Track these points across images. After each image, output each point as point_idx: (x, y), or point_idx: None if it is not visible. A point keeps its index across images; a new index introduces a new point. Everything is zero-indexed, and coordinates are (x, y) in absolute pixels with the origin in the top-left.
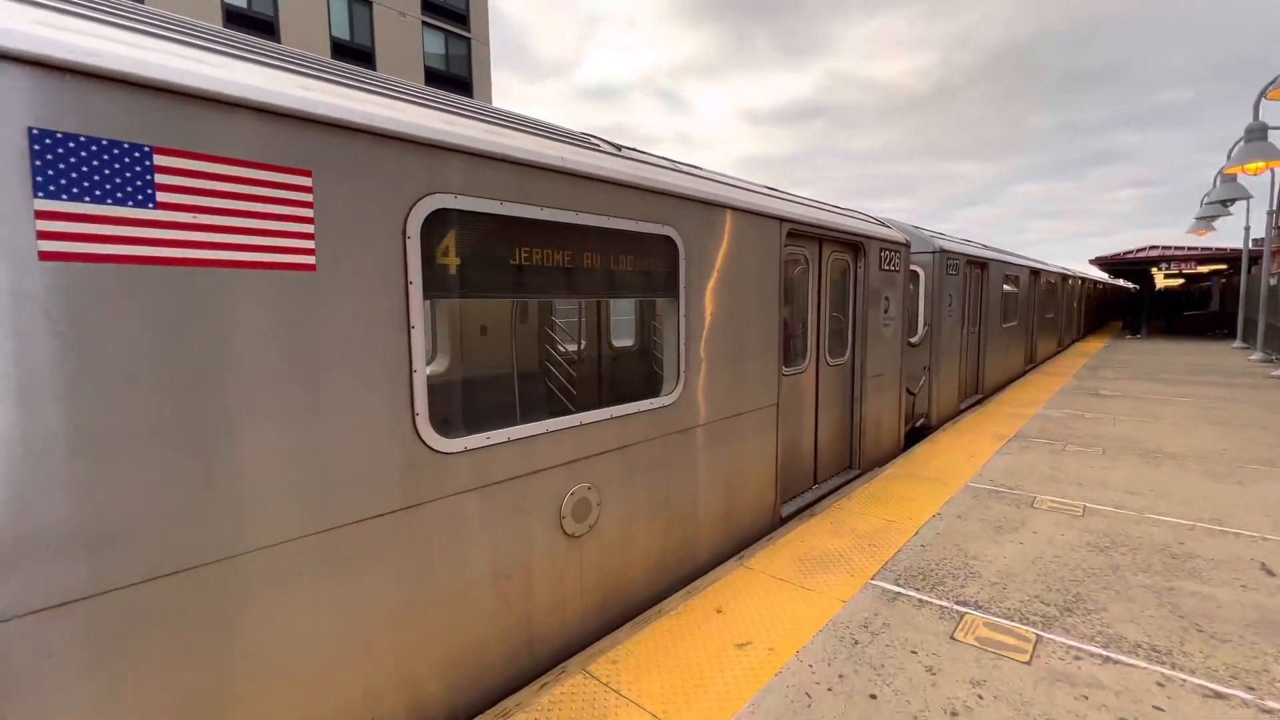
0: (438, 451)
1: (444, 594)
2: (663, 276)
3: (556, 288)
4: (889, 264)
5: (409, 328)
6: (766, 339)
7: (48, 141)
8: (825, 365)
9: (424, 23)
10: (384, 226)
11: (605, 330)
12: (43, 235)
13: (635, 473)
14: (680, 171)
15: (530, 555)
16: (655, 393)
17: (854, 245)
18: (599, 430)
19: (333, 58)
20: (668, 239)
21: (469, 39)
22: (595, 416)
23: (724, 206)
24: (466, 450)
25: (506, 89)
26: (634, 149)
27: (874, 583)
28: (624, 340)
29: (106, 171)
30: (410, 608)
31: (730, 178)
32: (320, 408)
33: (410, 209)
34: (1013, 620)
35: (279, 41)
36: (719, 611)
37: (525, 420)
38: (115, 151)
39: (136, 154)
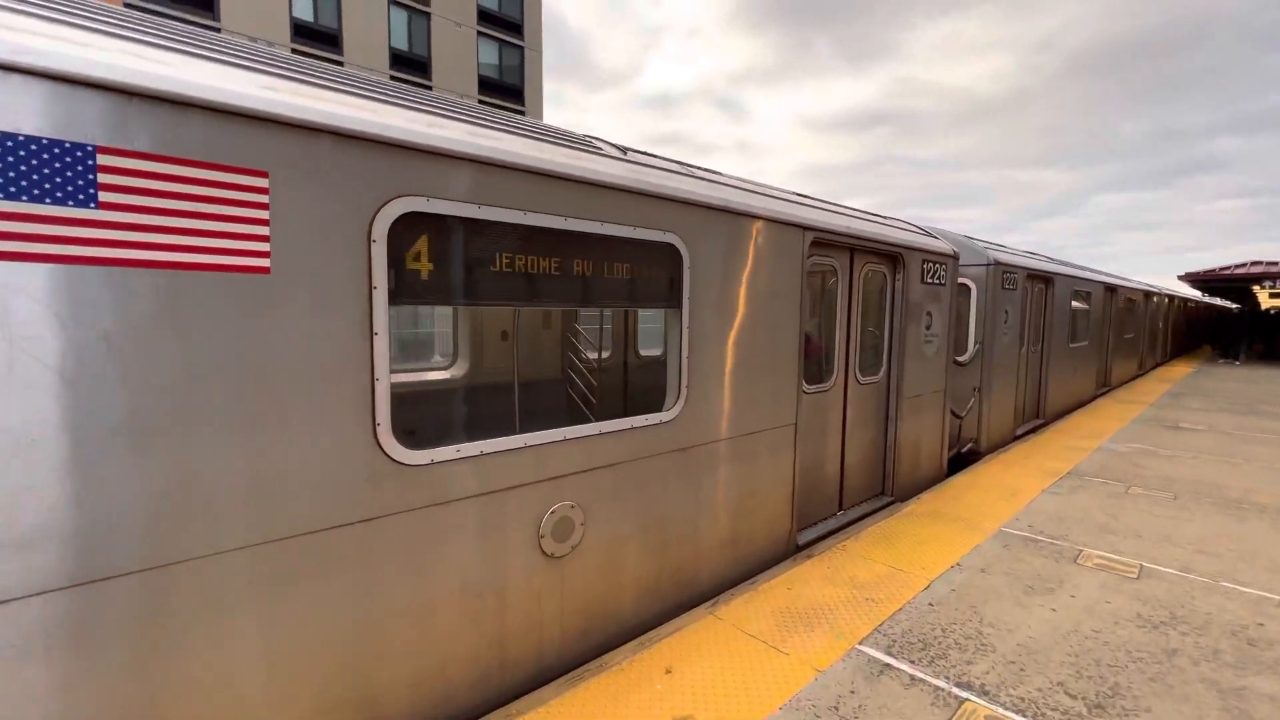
0: (400, 463)
1: (406, 611)
2: (664, 285)
3: (543, 296)
4: (933, 276)
5: (371, 334)
6: (784, 354)
7: None
8: (855, 383)
9: (479, 32)
10: (347, 230)
11: (632, 339)
12: None
13: (627, 492)
14: (687, 175)
15: (504, 575)
16: (663, 408)
17: (891, 256)
18: (585, 446)
19: (391, 69)
20: (669, 246)
21: (522, 48)
22: (581, 431)
23: (736, 213)
24: (433, 463)
25: (567, 99)
26: (644, 152)
27: (861, 648)
28: (653, 349)
29: (45, 171)
30: (368, 624)
31: (750, 183)
32: (272, 414)
33: (376, 212)
34: (1024, 716)
35: (341, 52)
36: (668, 672)
37: (528, 429)
38: (55, 151)
39: (79, 154)
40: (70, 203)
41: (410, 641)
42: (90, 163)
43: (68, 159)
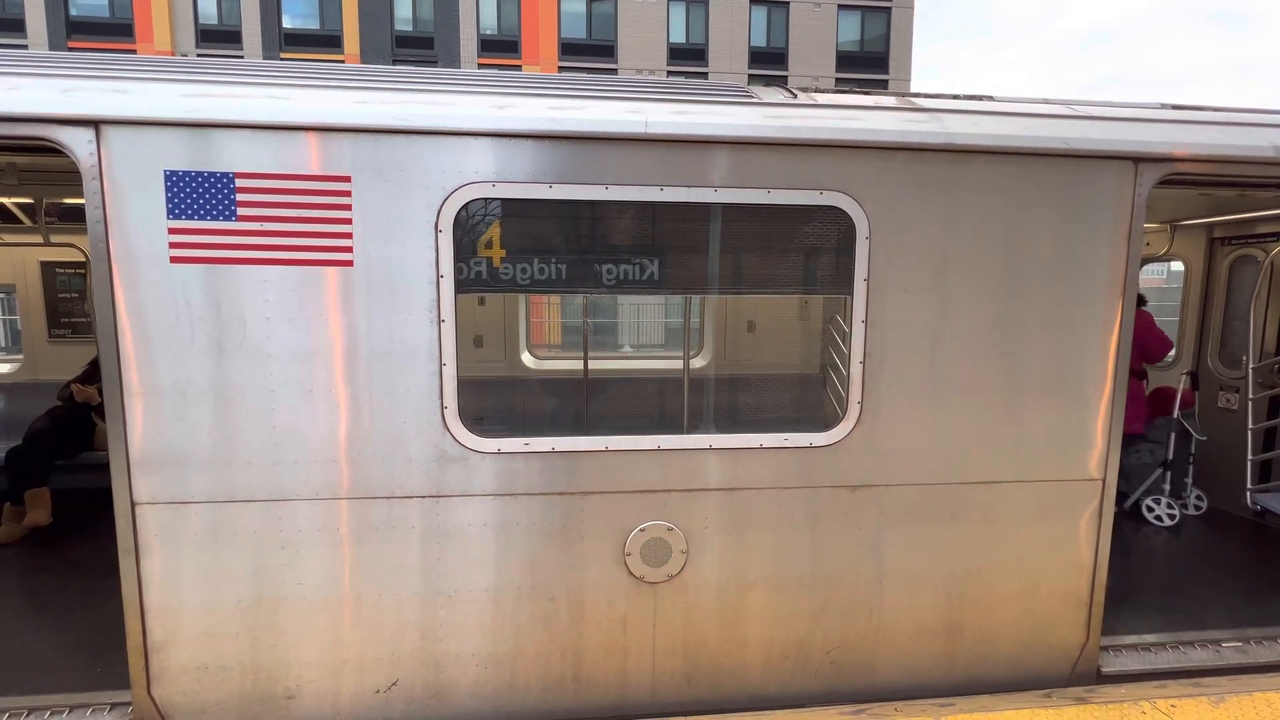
0: (467, 448)
1: (470, 590)
2: (826, 263)
3: (642, 281)
4: None
5: (439, 322)
6: (1074, 367)
7: (174, 178)
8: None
9: (839, 6)
10: (416, 222)
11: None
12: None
13: (753, 528)
14: (875, 108)
15: (580, 585)
16: (818, 425)
17: None
18: (687, 461)
19: (750, 67)
20: (833, 211)
21: (889, 9)
22: (680, 443)
23: (962, 150)
24: (500, 452)
25: (964, 64)
26: (829, 91)
27: None
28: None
29: (207, 195)
30: (434, 593)
31: (1012, 100)
32: (361, 391)
33: (444, 202)
34: None
35: (707, 63)
36: None
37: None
38: (211, 179)
39: (225, 179)
40: (220, 218)
41: (473, 619)
42: (232, 185)
43: (218, 184)
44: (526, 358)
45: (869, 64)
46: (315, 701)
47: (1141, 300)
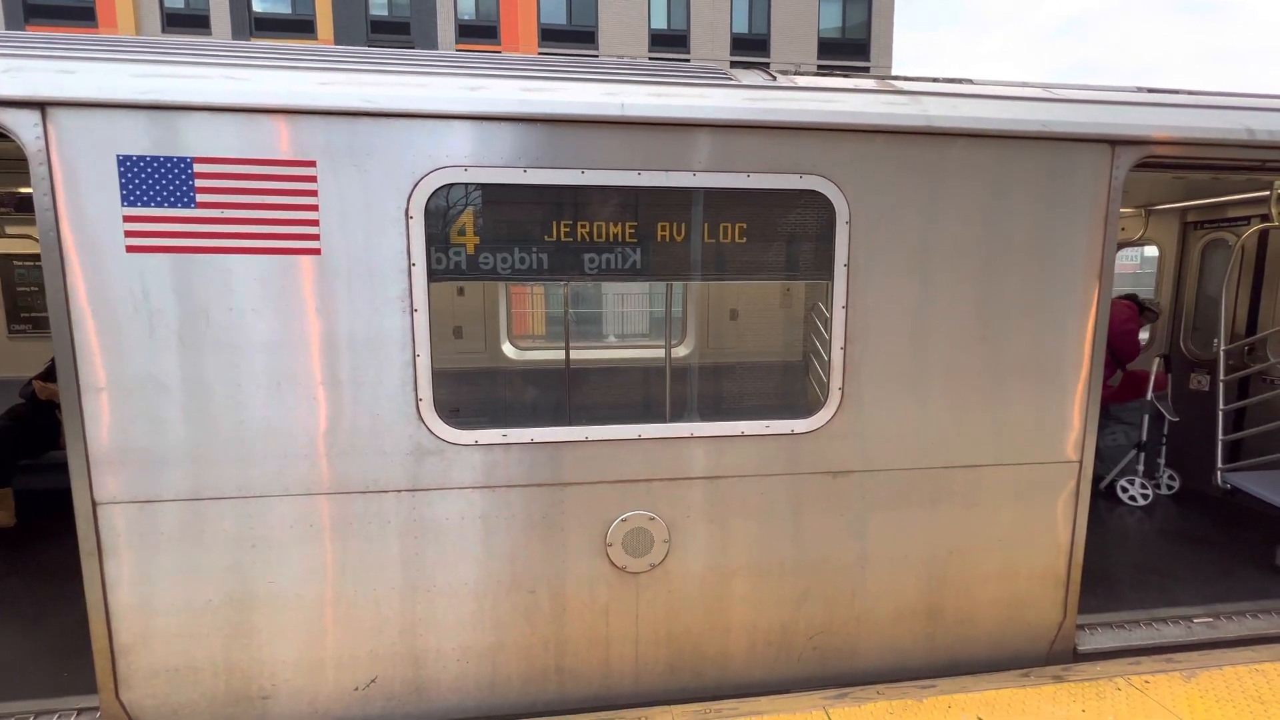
0: (444, 440)
1: (449, 582)
2: (805, 249)
3: (620, 269)
4: None
5: (412, 311)
6: (1052, 351)
7: (128, 163)
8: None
9: None
10: (385, 208)
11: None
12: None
13: (735, 516)
14: (853, 90)
15: (561, 577)
16: (800, 412)
17: None
18: (669, 450)
19: (732, 54)
20: (813, 195)
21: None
22: (660, 432)
23: (942, 134)
24: (478, 444)
25: (947, 49)
26: (809, 74)
27: None
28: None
29: (164, 182)
30: (412, 588)
31: (991, 84)
32: (332, 383)
33: (414, 188)
34: None
35: (689, 50)
36: None
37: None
38: (168, 164)
39: (182, 165)
40: (178, 205)
41: (452, 612)
42: (190, 171)
43: (176, 170)
44: (508, 348)
45: (850, 51)
46: (292, 701)
47: (1143, 307)
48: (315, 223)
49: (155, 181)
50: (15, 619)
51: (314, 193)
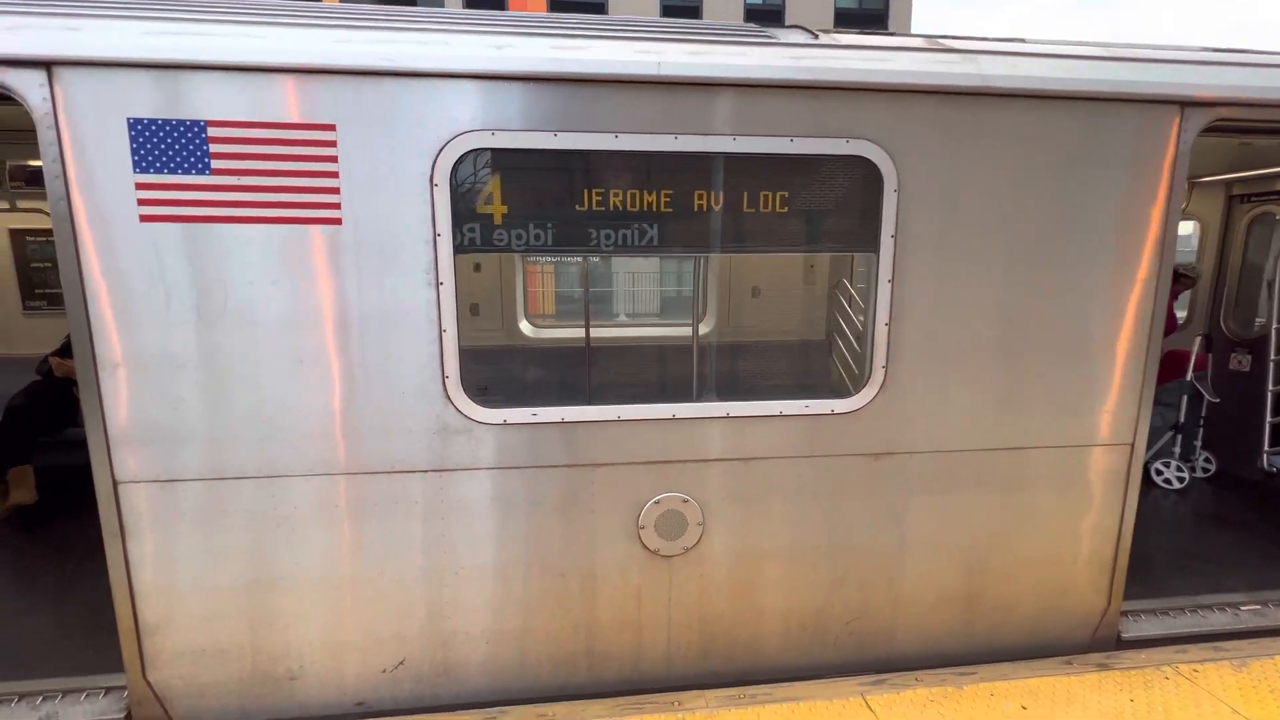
0: (471, 419)
1: (476, 566)
2: (850, 219)
3: (653, 241)
4: None
5: (437, 284)
6: (1109, 327)
7: (140, 127)
8: None
9: None
10: (409, 175)
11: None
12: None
13: (771, 498)
14: (907, 49)
15: (591, 560)
16: (840, 391)
17: None
18: (704, 430)
19: (746, 19)
20: (860, 161)
21: None
22: (696, 411)
23: (1000, 95)
24: (506, 423)
25: (959, 23)
26: (852, 32)
27: None
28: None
29: (177, 146)
30: (440, 571)
31: (1047, 43)
32: (354, 360)
33: (439, 153)
34: None
35: (700, 15)
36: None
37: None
38: (181, 128)
39: (196, 128)
40: (192, 171)
41: (481, 596)
42: (204, 135)
43: (189, 134)
44: (525, 326)
45: (868, 23)
46: (320, 682)
47: (1178, 274)
48: (335, 190)
49: (168, 146)
50: (40, 596)
51: (334, 158)
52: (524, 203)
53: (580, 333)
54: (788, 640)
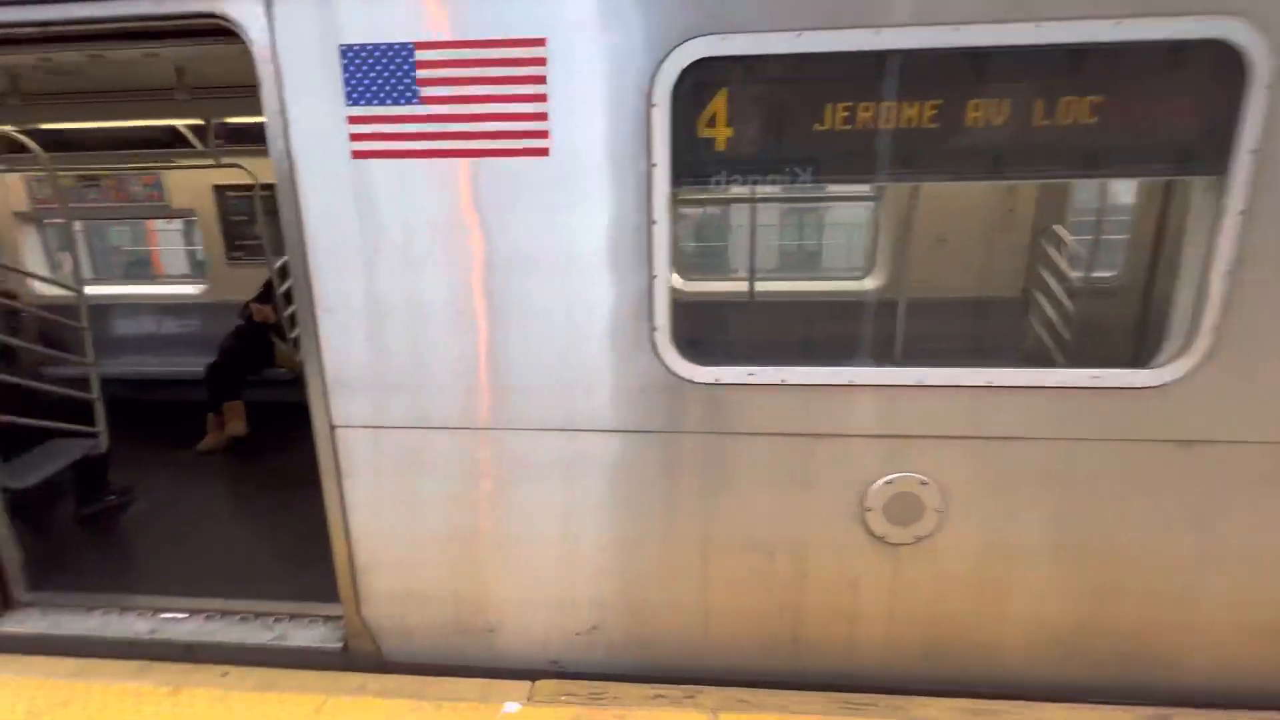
0: (681, 377)
1: (680, 537)
2: (1188, 131)
3: (913, 164)
4: None
5: (650, 224)
6: None
7: (351, 54)
8: None
9: None
10: (623, 93)
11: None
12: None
13: (1033, 487)
14: None
15: (805, 540)
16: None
17: None
18: (956, 401)
19: None
20: (1217, 48)
21: None
22: (945, 378)
23: None
24: (719, 383)
25: None
26: None
27: None
28: None
29: (386, 74)
30: (638, 538)
31: None
32: (557, 307)
33: (659, 65)
34: None
35: None
36: None
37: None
38: (390, 53)
39: (404, 52)
40: (401, 101)
41: (679, 570)
42: (411, 60)
43: (397, 59)
44: (675, 279)
45: None
46: (516, 637)
47: None
48: (544, 116)
49: (377, 75)
50: (256, 522)
51: (542, 79)
52: (756, 125)
53: (744, 286)
54: (1034, 653)
